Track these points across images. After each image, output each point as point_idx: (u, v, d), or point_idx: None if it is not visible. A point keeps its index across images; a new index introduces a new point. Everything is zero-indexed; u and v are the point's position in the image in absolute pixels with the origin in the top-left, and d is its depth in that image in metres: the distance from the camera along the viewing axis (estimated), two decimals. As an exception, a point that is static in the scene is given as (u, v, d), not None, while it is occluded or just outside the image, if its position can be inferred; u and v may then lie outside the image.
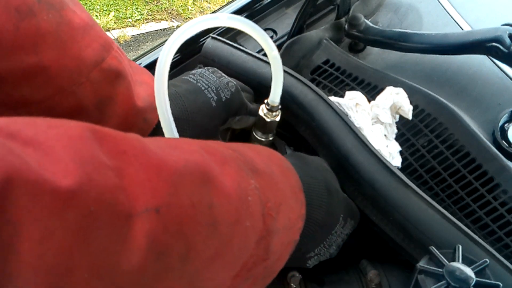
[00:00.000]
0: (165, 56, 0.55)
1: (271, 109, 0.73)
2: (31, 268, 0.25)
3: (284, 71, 0.87)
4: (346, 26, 1.04)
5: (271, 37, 1.13)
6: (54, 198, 0.26)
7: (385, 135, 0.84)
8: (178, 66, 1.03)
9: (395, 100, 0.83)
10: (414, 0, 1.13)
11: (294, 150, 0.97)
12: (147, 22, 3.55)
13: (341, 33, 1.07)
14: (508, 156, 0.79)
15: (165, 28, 3.55)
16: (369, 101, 0.87)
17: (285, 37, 1.09)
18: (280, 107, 0.74)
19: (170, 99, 0.54)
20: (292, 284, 0.75)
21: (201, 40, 1.04)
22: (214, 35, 0.98)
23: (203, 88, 0.73)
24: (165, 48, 0.56)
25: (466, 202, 0.78)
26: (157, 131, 0.68)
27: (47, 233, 0.25)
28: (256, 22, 1.20)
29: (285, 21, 1.15)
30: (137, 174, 0.33)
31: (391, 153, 0.82)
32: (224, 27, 1.08)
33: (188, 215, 0.36)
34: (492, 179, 0.77)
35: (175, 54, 0.58)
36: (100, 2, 3.47)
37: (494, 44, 0.81)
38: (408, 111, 0.82)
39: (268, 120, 0.74)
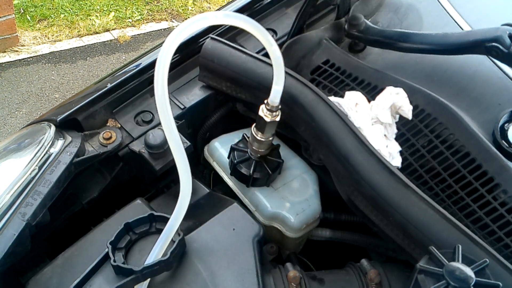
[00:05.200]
0: (165, 53, 0.55)
1: (271, 109, 0.73)
2: None
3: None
4: (346, 26, 1.04)
5: (271, 37, 1.13)
6: None
7: (385, 135, 0.84)
8: (178, 66, 1.03)
9: (395, 100, 0.82)
10: (414, 0, 1.13)
11: (293, 150, 0.97)
12: (147, 22, 3.54)
13: (341, 33, 1.07)
14: (508, 156, 0.79)
15: (165, 28, 3.54)
16: (369, 101, 0.87)
17: (285, 37, 1.09)
18: (280, 107, 0.74)
19: None
20: (292, 284, 0.75)
21: (200, 40, 1.04)
22: (214, 36, 0.98)
23: None
24: (163, 48, 0.56)
25: (466, 202, 0.78)
26: None
27: None
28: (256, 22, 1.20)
29: (285, 21, 1.15)
30: None
31: (391, 153, 0.82)
32: (224, 27, 1.08)
33: None
34: (492, 179, 0.77)
35: (175, 54, 0.58)
36: (100, 2, 3.46)
37: (494, 44, 0.81)
38: (408, 111, 0.82)
39: (268, 120, 0.74)
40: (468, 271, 0.59)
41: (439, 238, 0.67)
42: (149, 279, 0.68)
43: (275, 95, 0.71)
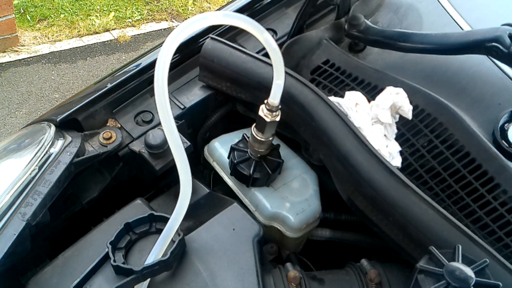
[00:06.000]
0: (165, 53, 0.55)
1: (271, 109, 0.73)
2: None
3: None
4: (346, 26, 1.04)
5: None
6: None
7: (385, 135, 0.84)
8: (178, 66, 1.03)
9: (395, 100, 0.82)
10: (414, 0, 1.13)
11: (293, 150, 0.97)
12: (147, 22, 3.54)
13: (341, 33, 1.07)
14: (508, 156, 0.79)
15: (165, 28, 3.55)
16: (369, 101, 0.87)
17: (285, 37, 1.09)
18: (280, 107, 0.74)
19: None
20: (292, 284, 0.75)
21: (200, 40, 1.04)
22: (214, 36, 0.98)
23: None
24: (163, 48, 0.56)
25: (466, 202, 0.78)
26: None
27: None
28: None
29: (285, 21, 1.15)
30: None
31: (391, 153, 0.82)
32: (224, 27, 1.08)
33: None
34: (492, 179, 0.77)
35: (175, 54, 0.58)
36: (100, 2, 3.46)
37: (494, 44, 0.81)
38: (408, 111, 0.82)
39: (268, 120, 0.74)
40: (468, 271, 0.59)
41: (439, 238, 0.67)
42: (149, 279, 0.68)
43: (276, 91, 0.70)
